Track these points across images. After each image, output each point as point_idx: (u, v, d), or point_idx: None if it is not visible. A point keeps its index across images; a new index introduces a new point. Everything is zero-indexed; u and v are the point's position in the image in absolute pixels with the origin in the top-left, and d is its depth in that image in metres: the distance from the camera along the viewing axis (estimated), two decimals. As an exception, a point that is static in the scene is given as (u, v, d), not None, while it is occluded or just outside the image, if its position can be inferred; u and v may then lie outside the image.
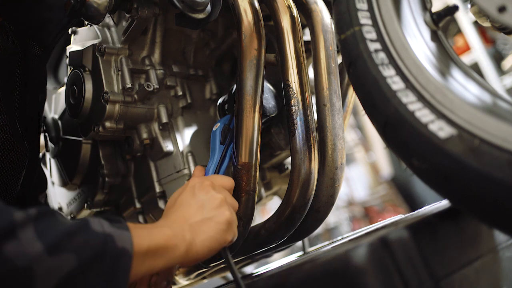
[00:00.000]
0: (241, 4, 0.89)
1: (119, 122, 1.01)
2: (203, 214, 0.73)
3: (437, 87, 0.67)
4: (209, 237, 0.71)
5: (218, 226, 0.73)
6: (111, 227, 0.60)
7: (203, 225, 0.72)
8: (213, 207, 0.74)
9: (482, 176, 0.59)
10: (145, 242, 0.63)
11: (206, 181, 0.79)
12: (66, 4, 0.86)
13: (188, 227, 0.70)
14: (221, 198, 0.76)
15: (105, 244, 0.58)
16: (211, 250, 0.71)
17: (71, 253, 0.54)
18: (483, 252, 0.74)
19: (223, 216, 0.74)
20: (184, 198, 0.76)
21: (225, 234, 0.73)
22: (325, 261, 0.66)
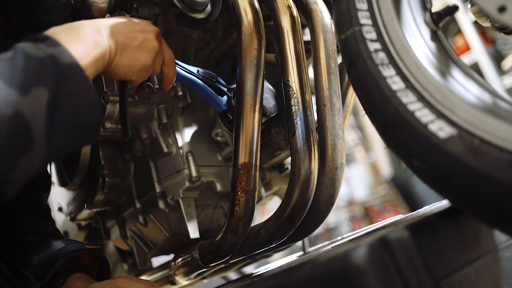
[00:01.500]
0: (241, 4, 0.89)
1: (119, 122, 1.01)
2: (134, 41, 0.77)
3: (437, 87, 0.67)
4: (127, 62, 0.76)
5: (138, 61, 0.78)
6: (47, 47, 0.62)
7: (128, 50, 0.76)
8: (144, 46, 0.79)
9: (482, 176, 0.59)
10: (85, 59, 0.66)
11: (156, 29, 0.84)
12: (66, 4, 0.86)
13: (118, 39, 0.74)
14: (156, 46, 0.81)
15: (56, 65, 0.60)
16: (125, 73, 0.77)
17: (38, 85, 0.57)
18: (483, 252, 0.74)
19: (145, 59, 0.79)
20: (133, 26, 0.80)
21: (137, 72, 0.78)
22: (325, 261, 0.66)
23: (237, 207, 0.88)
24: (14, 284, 0.87)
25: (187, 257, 1.03)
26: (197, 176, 1.02)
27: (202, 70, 0.98)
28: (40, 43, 0.62)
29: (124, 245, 1.24)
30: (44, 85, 0.57)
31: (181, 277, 1.09)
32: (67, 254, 0.93)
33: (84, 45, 0.67)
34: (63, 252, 0.93)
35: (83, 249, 0.96)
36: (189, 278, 1.09)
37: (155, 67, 0.84)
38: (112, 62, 0.74)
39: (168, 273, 1.10)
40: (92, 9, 0.86)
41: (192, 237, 1.03)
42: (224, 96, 0.99)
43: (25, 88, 0.56)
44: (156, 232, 1.11)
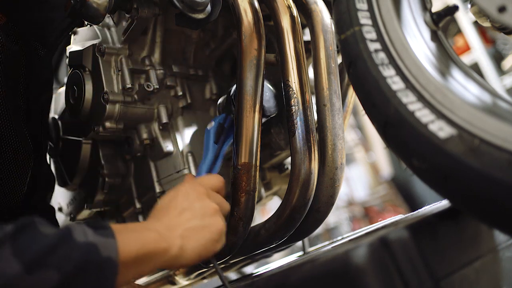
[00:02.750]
0: (241, 4, 0.89)
1: (119, 122, 1.01)
2: (196, 221, 0.72)
3: (437, 87, 0.67)
4: (200, 245, 0.70)
5: (210, 235, 0.72)
6: (95, 235, 0.58)
7: (196, 233, 0.71)
8: (207, 216, 0.74)
9: (482, 176, 0.59)
10: (133, 249, 0.61)
11: (199, 187, 0.78)
12: (66, 4, 0.86)
13: (180, 232, 0.69)
14: (216, 208, 0.76)
15: (87, 255, 0.56)
16: (200, 257, 0.71)
17: (52, 268, 0.53)
18: (483, 252, 0.74)
19: (216, 226, 0.73)
20: (178, 202, 0.75)
21: (216, 243, 0.73)
22: (325, 261, 0.66)
23: (237, 207, 0.88)
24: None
25: (187, 257, 1.03)
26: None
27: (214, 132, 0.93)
28: (92, 230, 0.59)
29: (124, 245, 1.23)
30: (59, 269, 0.53)
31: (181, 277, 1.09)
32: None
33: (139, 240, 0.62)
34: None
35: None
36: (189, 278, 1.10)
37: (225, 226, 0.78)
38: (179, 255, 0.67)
39: (168, 273, 1.10)
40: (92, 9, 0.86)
41: (192, 237, 1.03)
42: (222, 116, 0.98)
43: (35, 267, 0.51)
44: (156, 232, 1.11)
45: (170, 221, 0.71)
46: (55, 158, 1.23)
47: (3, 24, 0.95)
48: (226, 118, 0.95)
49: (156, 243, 0.64)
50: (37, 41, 1.01)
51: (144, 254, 0.62)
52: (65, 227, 0.57)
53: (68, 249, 0.54)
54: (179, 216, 0.72)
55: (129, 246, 0.60)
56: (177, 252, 0.67)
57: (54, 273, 0.52)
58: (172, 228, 0.69)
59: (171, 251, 0.66)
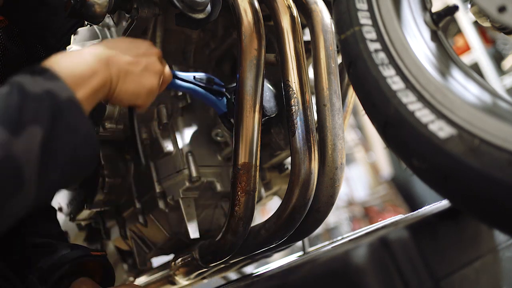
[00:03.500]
0: (241, 4, 0.89)
1: (119, 122, 1.01)
2: (136, 68, 0.76)
3: (437, 87, 0.67)
4: (131, 88, 0.75)
5: (142, 86, 0.77)
6: (45, 81, 0.61)
7: (131, 76, 0.75)
8: (148, 70, 0.78)
9: (482, 176, 0.59)
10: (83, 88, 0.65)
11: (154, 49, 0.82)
12: (66, 4, 0.86)
13: (119, 67, 0.73)
14: (160, 69, 0.80)
15: (52, 101, 0.59)
16: (129, 99, 0.76)
17: (33, 124, 0.56)
18: (483, 252, 0.74)
19: (150, 82, 0.78)
20: (126, 42, 0.79)
21: (142, 96, 0.78)
22: (325, 261, 0.66)
23: (237, 207, 0.88)
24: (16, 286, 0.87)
25: (187, 257, 1.03)
26: (197, 176, 1.02)
27: (198, 75, 0.97)
28: (39, 76, 0.61)
29: (124, 245, 1.24)
30: (39, 123, 0.57)
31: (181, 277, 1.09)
32: (72, 260, 0.93)
33: (82, 75, 0.66)
34: (68, 258, 0.93)
35: (88, 256, 0.95)
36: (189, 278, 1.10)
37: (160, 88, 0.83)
38: (115, 89, 0.73)
39: (168, 273, 1.10)
40: (92, 9, 0.86)
41: (192, 237, 1.03)
42: (223, 97, 0.99)
43: (18, 129, 0.55)
44: (156, 232, 1.11)
45: (110, 51, 0.74)
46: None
47: (5, 26, 0.95)
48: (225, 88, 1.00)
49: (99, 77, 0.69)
50: (38, 43, 1.01)
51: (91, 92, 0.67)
52: (11, 82, 0.60)
53: (34, 103, 0.58)
54: (122, 51, 0.76)
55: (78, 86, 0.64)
56: (113, 86, 0.72)
57: (36, 128, 0.56)
58: (113, 60, 0.72)
59: (111, 86, 0.72)
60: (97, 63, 0.69)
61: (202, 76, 0.97)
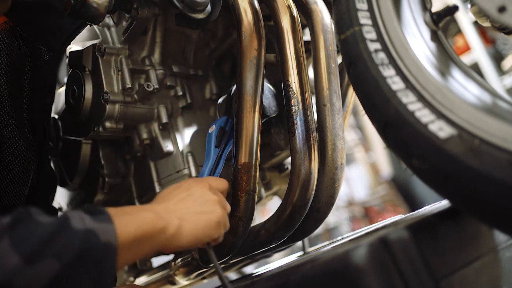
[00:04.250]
0: (241, 4, 0.89)
1: (119, 122, 1.01)
2: (196, 207, 0.74)
3: (437, 87, 0.67)
4: (197, 227, 0.72)
5: (208, 221, 0.74)
6: (93, 221, 0.58)
7: (194, 216, 0.73)
8: (206, 204, 0.76)
9: (482, 176, 0.59)
10: (131, 230, 0.61)
11: (202, 182, 0.80)
12: (66, 4, 0.86)
13: (178, 214, 0.71)
14: (216, 199, 0.78)
15: (87, 241, 0.55)
16: (196, 240, 0.72)
17: (52, 258, 0.52)
18: (483, 252, 0.74)
19: (215, 213, 0.75)
20: (179, 191, 0.77)
21: (213, 230, 0.75)
22: (325, 261, 0.66)
23: (237, 207, 0.88)
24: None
25: (187, 257, 1.03)
26: (197, 176, 1.02)
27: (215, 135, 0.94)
28: (90, 216, 0.58)
29: (124, 245, 1.23)
30: (58, 259, 0.53)
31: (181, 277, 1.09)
32: None
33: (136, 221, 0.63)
34: None
35: None
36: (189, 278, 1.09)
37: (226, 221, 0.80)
38: (175, 236, 0.69)
39: (168, 273, 1.10)
40: (92, 9, 0.86)
41: (192, 237, 1.03)
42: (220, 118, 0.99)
43: (33, 258, 0.51)
44: (156, 232, 1.11)
45: (169, 205, 0.73)
46: (55, 158, 1.23)
47: (10, 28, 0.95)
48: (227, 120, 0.95)
49: (153, 223, 0.65)
50: (43, 46, 1.01)
51: (142, 235, 0.63)
52: (62, 215, 0.57)
53: (66, 238, 0.54)
54: (178, 201, 0.74)
55: (127, 228, 0.61)
56: (174, 232, 0.68)
57: (54, 262, 0.52)
58: (170, 210, 0.71)
59: (168, 231, 0.67)
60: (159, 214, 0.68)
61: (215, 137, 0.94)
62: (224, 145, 0.93)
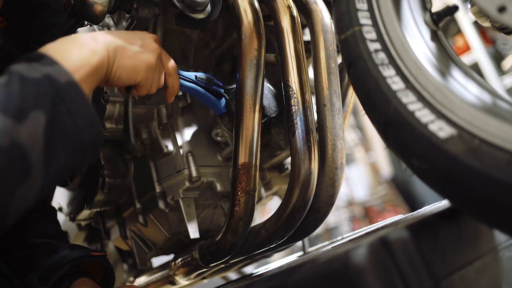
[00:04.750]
0: (241, 4, 0.89)
1: (119, 122, 1.01)
2: (133, 45, 0.76)
3: (437, 87, 0.67)
4: (129, 64, 0.74)
5: (140, 61, 0.76)
6: (42, 66, 0.61)
7: (128, 52, 0.75)
8: (143, 47, 0.78)
9: (482, 176, 0.59)
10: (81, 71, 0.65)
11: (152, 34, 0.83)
12: (66, 4, 0.86)
13: (114, 45, 0.72)
14: (156, 47, 0.80)
15: (52, 85, 0.59)
16: (128, 77, 0.75)
17: (35, 109, 0.56)
18: (483, 252, 0.74)
19: (148, 58, 0.77)
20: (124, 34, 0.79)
21: (142, 72, 0.77)
22: (325, 261, 0.66)
23: (237, 207, 0.88)
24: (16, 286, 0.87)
25: (187, 257, 1.03)
26: (197, 176, 1.02)
27: (199, 74, 0.97)
28: (36, 63, 0.61)
29: (124, 245, 1.24)
30: (41, 108, 0.57)
31: (181, 277, 1.09)
32: (73, 260, 0.93)
33: (80, 56, 0.66)
34: (68, 258, 0.93)
35: (89, 256, 0.95)
36: (189, 278, 1.09)
37: (159, 78, 0.82)
38: (113, 67, 0.72)
39: (168, 273, 1.10)
40: (92, 9, 0.85)
41: (192, 237, 1.03)
42: (222, 98, 0.99)
43: (21, 115, 0.55)
44: (156, 232, 1.11)
45: (110, 34, 0.74)
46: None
47: (4, 27, 0.95)
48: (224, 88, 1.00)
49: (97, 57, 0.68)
50: (37, 45, 1.01)
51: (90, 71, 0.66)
52: (8, 72, 0.59)
53: (34, 88, 0.58)
54: (120, 34, 0.76)
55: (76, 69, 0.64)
56: (111, 65, 0.72)
57: (38, 113, 0.56)
58: (110, 41, 0.72)
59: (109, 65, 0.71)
60: (93, 42, 0.70)
61: (202, 76, 0.97)
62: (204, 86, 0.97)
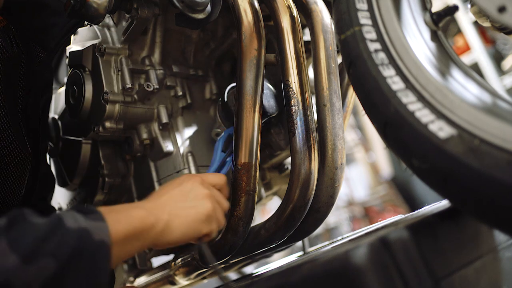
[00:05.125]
0: (241, 4, 0.89)
1: (119, 122, 1.01)
2: (184, 202, 0.75)
3: (437, 87, 0.67)
4: (186, 221, 0.73)
5: (196, 215, 0.74)
6: (86, 220, 0.59)
7: (183, 210, 0.73)
8: (196, 198, 0.76)
9: (482, 176, 0.59)
10: (123, 228, 0.63)
11: (195, 176, 0.81)
12: (66, 4, 0.86)
13: (167, 209, 0.72)
14: (207, 193, 0.78)
15: (81, 240, 0.57)
16: (185, 234, 0.73)
17: (48, 257, 0.54)
18: (483, 252, 0.74)
19: (204, 207, 0.76)
20: (170, 186, 0.78)
21: (202, 224, 0.75)
22: (325, 261, 0.66)
23: (237, 207, 0.88)
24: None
25: (187, 257, 1.03)
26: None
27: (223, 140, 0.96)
28: (83, 215, 0.60)
29: (124, 245, 1.23)
30: (55, 257, 0.54)
31: (181, 277, 1.09)
32: None
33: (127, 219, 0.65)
34: None
35: None
36: (189, 278, 1.09)
37: (222, 217, 0.81)
38: (164, 231, 0.70)
39: (168, 273, 1.10)
40: (92, 9, 0.86)
41: (192, 237, 1.03)
42: None
43: (31, 257, 0.52)
44: (156, 232, 1.11)
45: (159, 201, 0.74)
46: (55, 158, 1.23)
47: (4, 27, 0.95)
48: None
49: (143, 220, 0.67)
50: (37, 45, 1.01)
51: (133, 231, 0.65)
52: (55, 215, 0.58)
53: (61, 236, 0.56)
54: (169, 197, 0.75)
55: (119, 226, 0.63)
56: (163, 227, 0.70)
57: (50, 261, 0.54)
58: (160, 206, 0.72)
59: (158, 226, 0.69)
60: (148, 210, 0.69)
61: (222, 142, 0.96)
62: (231, 151, 0.94)
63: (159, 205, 0.72)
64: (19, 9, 0.98)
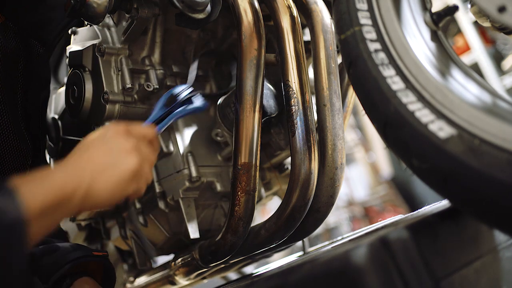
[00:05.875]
0: (241, 4, 0.89)
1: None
2: (108, 158, 0.69)
3: (437, 87, 0.67)
4: (110, 182, 0.67)
5: (122, 173, 0.69)
6: None
7: (106, 170, 0.67)
8: (120, 153, 0.70)
9: (482, 176, 0.59)
10: (40, 201, 0.58)
11: (121, 127, 0.74)
12: (66, 4, 0.86)
13: (89, 169, 0.66)
14: (132, 146, 0.71)
15: None
16: (111, 197, 0.68)
17: None
18: (483, 252, 0.74)
19: (129, 164, 0.70)
20: (93, 140, 0.72)
21: (129, 183, 0.70)
22: (325, 261, 0.66)
23: (237, 207, 0.88)
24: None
25: (187, 257, 1.03)
26: (197, 176, 1.02)
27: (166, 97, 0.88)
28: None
29: (124, 245, 1.24)
30: None
31: (181, 277, 1.09)
32: (74, 259, 0.92)
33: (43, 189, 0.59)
34: (70, 258, 0.92)
35: (90, 256, 0.95)
36: (189, 278, 1.10)
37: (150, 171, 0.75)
38: (88, 195, 0.65)
39: (168, 273, 1.10)
40: (92, 9, 0.86)
41: (192, 237, 1.03)
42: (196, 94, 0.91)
43: None
44: (156, 232, 1.11)
45: (80, 159, 0.68)
46: (55, 158, 1.23)
47: (1, 23, 0.95)
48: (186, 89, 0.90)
49: (63, 187, 0.62)
50: (35, 40, 1.01)
51: (52, 202, 0.60)
52: None
53: None
54: (90, 154, 0.69)
55: (35, 199, 0.58)
56: (85, 192, 0.64)
57: None
58: (81, 167, 0.66)
59: (80, 192, 0.64)
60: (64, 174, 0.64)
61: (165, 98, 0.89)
62: (175, 108, 0.87)
63: (80, 165, 0.66)
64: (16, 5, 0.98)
